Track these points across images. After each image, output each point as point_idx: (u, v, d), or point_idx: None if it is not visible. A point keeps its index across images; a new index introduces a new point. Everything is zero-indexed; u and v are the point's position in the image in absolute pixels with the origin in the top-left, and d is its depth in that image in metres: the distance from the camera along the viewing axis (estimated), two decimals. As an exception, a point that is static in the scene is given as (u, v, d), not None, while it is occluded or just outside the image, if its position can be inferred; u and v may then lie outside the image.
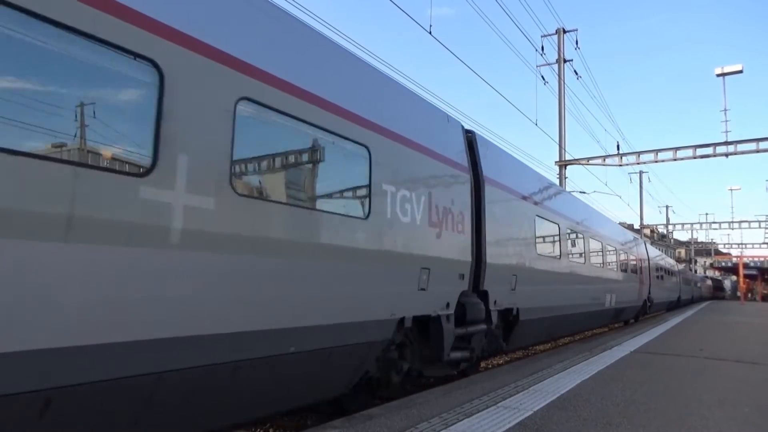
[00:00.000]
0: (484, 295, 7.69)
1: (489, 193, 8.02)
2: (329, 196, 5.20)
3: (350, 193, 5.40)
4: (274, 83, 4.38)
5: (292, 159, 4.82)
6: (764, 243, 66.55)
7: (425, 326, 6.58)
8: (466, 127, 7.98)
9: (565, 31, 25.69)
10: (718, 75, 24.23)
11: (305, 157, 4.96)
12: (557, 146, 24.93)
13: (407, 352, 6.41)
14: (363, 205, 5.39)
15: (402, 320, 5.93)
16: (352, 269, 5.12)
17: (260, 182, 4.54)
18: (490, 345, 8.39)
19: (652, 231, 63.78)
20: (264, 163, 4.59)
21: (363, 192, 5.43)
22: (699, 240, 79.20)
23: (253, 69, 4.19)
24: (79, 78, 3.21)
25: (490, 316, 7.80)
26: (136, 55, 3.37)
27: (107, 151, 3.34)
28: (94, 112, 3.22)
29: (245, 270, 3.98)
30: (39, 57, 3.00)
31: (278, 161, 4.70)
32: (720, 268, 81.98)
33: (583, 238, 12.91)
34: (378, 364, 5.97)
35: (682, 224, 60.59)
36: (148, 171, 3.39)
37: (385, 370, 6.15)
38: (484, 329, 7.52)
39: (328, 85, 5.04)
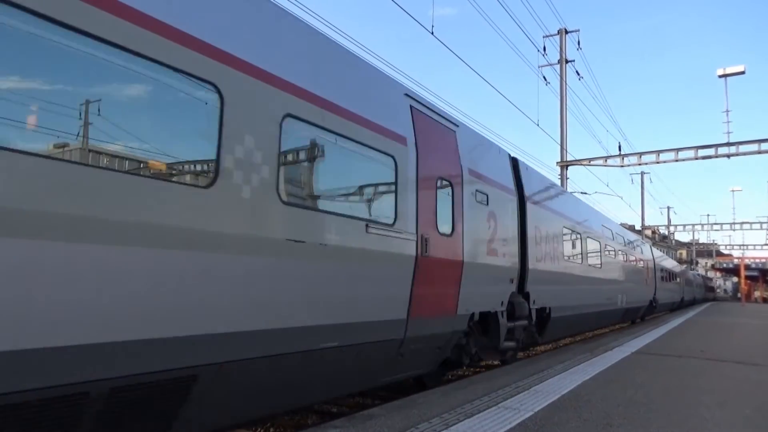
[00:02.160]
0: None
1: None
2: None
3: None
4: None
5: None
6: (766, 244, 66.44)
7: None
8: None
9: (567, 32, 25.66)
10: (720, 76, 24.18)
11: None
12: (559, 147, 24.93)
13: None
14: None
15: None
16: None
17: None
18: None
19: (653, 232, 63.69)
20: None
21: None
22: (700, 241, 79.13)
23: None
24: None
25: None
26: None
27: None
28: None
29: None
30: None
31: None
32: (721, 270, 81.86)
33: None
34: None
35: (684, 225, 60.52)
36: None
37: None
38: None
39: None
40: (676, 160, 23.20)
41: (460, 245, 7.06)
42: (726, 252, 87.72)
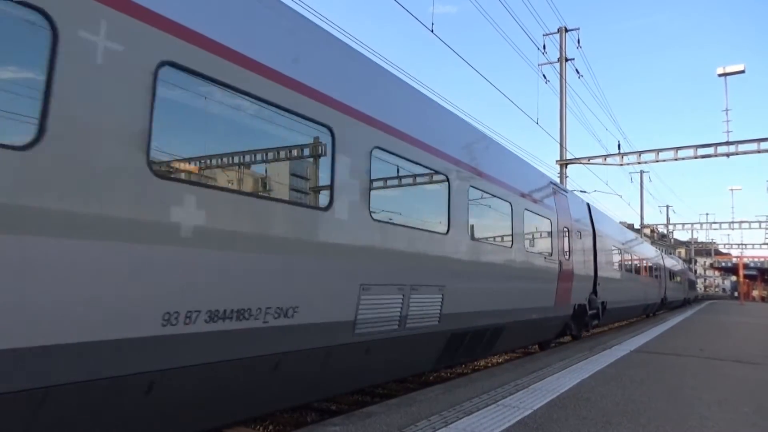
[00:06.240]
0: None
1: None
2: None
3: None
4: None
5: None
6: (764, 243, 66.52)
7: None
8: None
9: (567, 30, 25.64)
10: (720, 75, 24.14)
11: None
12: (558, 145, 24.92)
13: None
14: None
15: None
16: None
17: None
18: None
19: (652, 231, 63.76)
20: None
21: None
22: (699, 240, 79.23)
23: None
24: None
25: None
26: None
27: None
28: None
29: None
30: None
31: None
32: (720, 269, 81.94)
33: None
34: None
35: (683, 224, 60.62)
36: None
37: None
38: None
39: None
40: (676, 159, 23.19)
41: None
42: (725, 251, 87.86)
